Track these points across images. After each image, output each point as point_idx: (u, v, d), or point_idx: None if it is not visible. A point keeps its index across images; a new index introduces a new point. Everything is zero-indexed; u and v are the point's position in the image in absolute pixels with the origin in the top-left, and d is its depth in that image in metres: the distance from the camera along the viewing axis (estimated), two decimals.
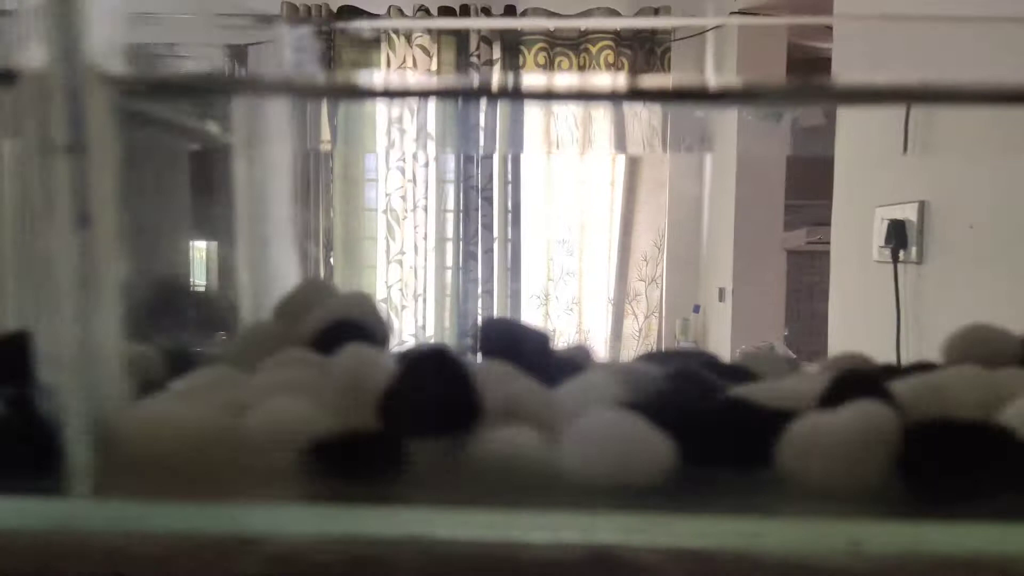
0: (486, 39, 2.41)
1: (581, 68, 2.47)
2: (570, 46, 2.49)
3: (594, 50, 2.48)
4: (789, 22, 2.05)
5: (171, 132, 0.40)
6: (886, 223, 0.94)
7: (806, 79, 0.34)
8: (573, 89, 0.40)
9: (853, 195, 1.07)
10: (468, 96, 0.49)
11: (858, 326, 1.07)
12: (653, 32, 2.40)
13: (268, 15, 2.26)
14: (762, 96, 0.34)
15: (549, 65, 2.48)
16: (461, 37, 2.36)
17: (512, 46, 2.44)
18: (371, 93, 0.54)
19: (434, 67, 2.42)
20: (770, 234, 2.00)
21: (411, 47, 2.42)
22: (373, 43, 2.41)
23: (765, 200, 1.98)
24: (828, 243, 2.59)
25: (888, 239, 0.92)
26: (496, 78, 2.38)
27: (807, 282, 2.49)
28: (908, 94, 0.33)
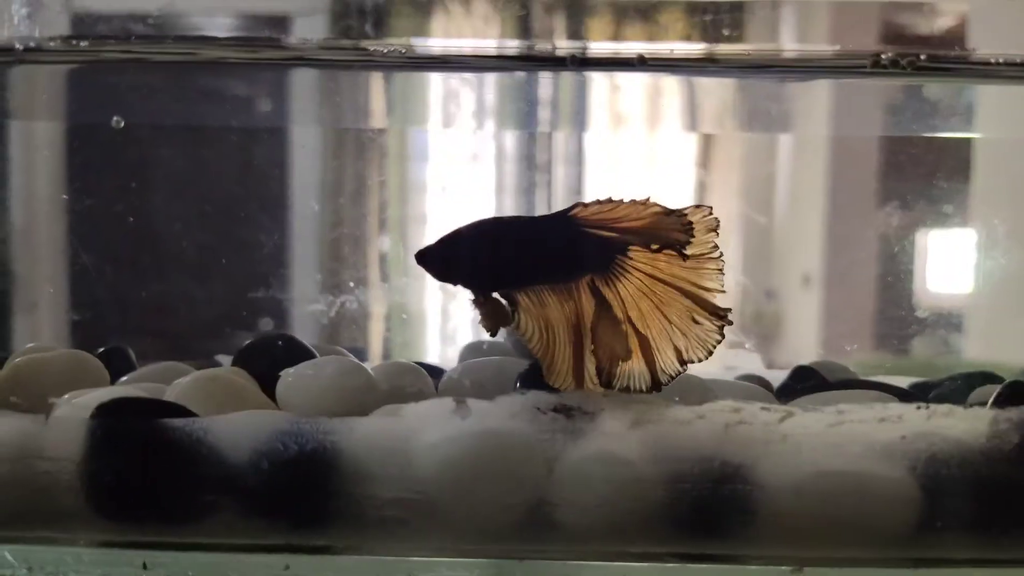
0: (549, 6, 2.34)
1: (649, 39, 2.39)
2: (639, 14, 2.41)
3: (664, 21, 2.40)
4: None
5: None
6: None
7: None
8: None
9: (1000, 176, 0.99)
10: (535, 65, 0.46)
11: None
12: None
13: None
14: None
15: (616, 34, 2.40)
16: (522, 5, 2.30)
17: (576, 14, 2.37)
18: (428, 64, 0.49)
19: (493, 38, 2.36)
20: (863, 217, 1.89)
21: (469, 19, 2.36)
22: (428, 12, 2.37)
23: (859, 181, 1.88)
24: (909, 227, 2.46)
25: None
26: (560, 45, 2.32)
27: (883, 267, 2.38)
28: None
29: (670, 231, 0.24)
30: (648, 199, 0.24)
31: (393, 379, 0.27)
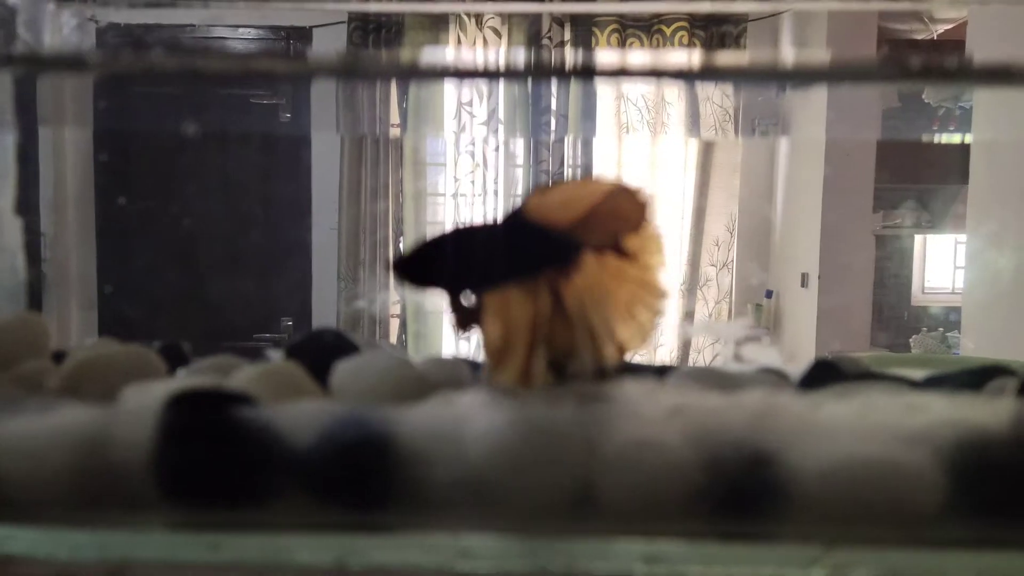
0: (558, 20, 2.36)
1: (654, 49, 2.41)
2: (643, 27, 2.42)
3: (668, 31, 2.41)
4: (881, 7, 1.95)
5: None
6: None
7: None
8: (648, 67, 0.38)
9: (999, 180, 1.00)
10: (542, 75, 0.47)
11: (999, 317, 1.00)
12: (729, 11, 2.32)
13: None
14: None
15: (622, 47, 2.42)
16: (533, 18, 2.31)
17: (584, 27, 2.39)
18: (443, 73, 0.50)
19: (504, 47, 2.38)
20: (859, 217, 1.91)
21: (481, 29, 2.38)
22: (442, 24, 2.38)
23: (855, 182, 1.89)
24: (905, 227, 2.47)
25: None
26: (568, 56, 2.35)
27: (880, 267, 2.39)
28: None
29: (626, 209, 0.25)
30: (597, 178, 0.26)
31: (437, 371, 0.28)
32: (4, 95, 0.33)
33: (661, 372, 0.30)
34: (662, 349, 2.28)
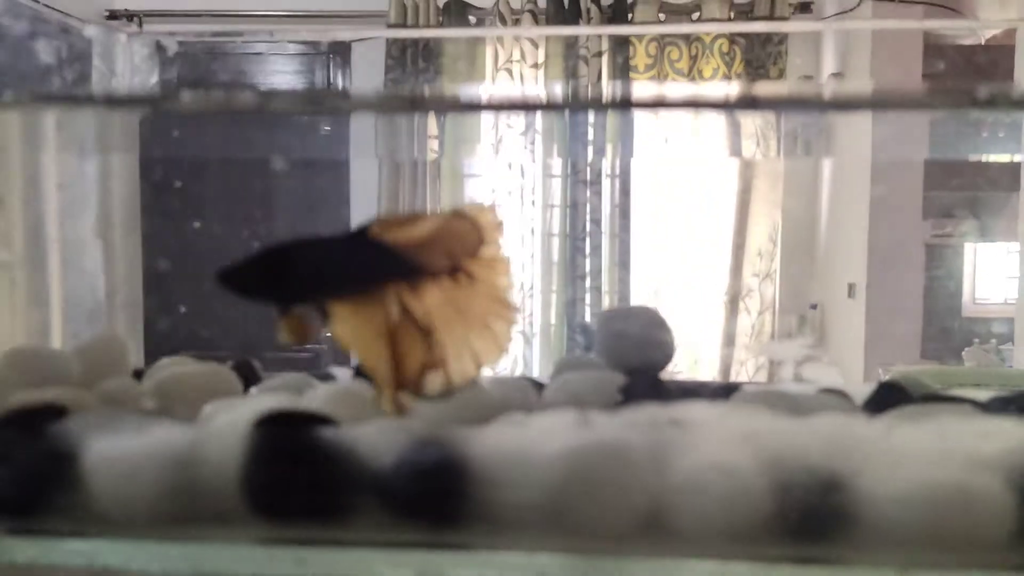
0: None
1: (693, 58, 2.40)
2: (681, 36, 2.41)
3: (707, 39, 2.40)
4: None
5: None
6: None
7: None
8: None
9: None
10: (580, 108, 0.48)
11: None
12: (770, 18, 2.30)
13: (375, 12, 2.29)
14: None
15: (660, 55, 2.41)
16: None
17: (621, 37, 2.39)
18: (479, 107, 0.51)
19: (541, 59, 2.39)
20: (909, 226, 1.87)
21: (518, 40, 2.40)
22: (479, 37, 2.41)
23: (903, 190, 1.86)
24: (956, 236, 2.41)
25: None
26: (605, 67, 2.34)
27: (930, 277, 2.34)
28: None
29: (464, 234, 0.26)
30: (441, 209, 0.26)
31: (503, 391, 0.29)
32: (88, 129, 0.35)
33: (724, 391, 0.30)
34: (709, 363, 2.25)
